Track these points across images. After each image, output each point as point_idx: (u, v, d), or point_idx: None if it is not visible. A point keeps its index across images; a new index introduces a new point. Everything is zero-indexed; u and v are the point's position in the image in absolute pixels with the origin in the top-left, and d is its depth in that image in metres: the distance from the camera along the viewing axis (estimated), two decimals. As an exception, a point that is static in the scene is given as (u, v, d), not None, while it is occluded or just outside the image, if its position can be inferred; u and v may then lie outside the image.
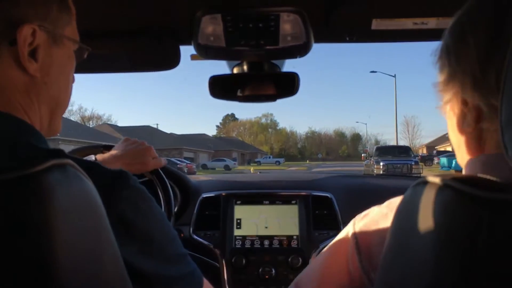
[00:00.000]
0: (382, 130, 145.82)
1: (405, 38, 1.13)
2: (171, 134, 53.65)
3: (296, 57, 1.17)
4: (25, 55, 0.59)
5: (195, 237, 1.60)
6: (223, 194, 1.68)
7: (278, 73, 1.28)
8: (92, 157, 1.19)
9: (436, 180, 0.47)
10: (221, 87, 1.27)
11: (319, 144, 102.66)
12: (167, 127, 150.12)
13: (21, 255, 0.43)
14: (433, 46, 0.64)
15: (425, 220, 0.46)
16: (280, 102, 1.24)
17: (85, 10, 0.99)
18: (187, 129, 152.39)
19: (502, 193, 0.41)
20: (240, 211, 1.64)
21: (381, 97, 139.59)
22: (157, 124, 61.19)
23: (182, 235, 1.61)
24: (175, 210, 1.62)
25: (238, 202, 1.65)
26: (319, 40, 1.12)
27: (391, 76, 29.91)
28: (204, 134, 64.30)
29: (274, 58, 1.23)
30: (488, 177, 0.46)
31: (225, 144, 61.19)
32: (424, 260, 0.45)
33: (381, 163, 17.33)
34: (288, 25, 1.00)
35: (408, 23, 1.00)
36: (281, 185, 1.80)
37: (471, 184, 0.43)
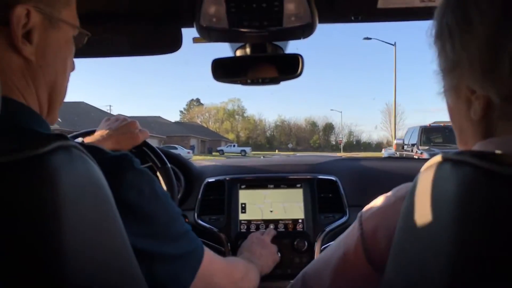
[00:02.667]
0: (357, 120, 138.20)
1: (412, 17, 1.11)
2: (117, 116, 47.47)
3: (300, 38, 1.15)
4: (19, 36, 0.58)
5: (200, 221, 1.59)
6: (227, 178, 1.67)
7: (281, 55, 1.26)
8: (79, 140, 1.19)
9: (452, 156, 0.45)
10: (224, 70, 1.25)
11: (289, 133, 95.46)
12: (123, 110, 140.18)
13: (28, 235, 0.43)
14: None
15: (442, 199, 0.45)
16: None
17: None
18: (146, 113, 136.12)
19: None
20: (245, 196, 1.64)
21: (359, 83, 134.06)
22: (109, 106, 55.51)
23: (187, 220, 1.61)
24: (179, 195, 1.62)
25: (243, 186, 1.65)
26: (323, 20, 1.10)
27: (391, 44, 24.99)
28: (159, 117, 56.14)
29: (278, 39, 1.21)
30: (503, 153, 0.44)
31: (184, 129, 53.10)
32: (442, 240, 0.44)
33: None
34: (292, 4, 0.98)
35: (415, 1, 0.97)
36: (285, 169, 1.79)
37: (489, 159, 0.41)
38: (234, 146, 57.63)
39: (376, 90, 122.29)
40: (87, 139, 1.18)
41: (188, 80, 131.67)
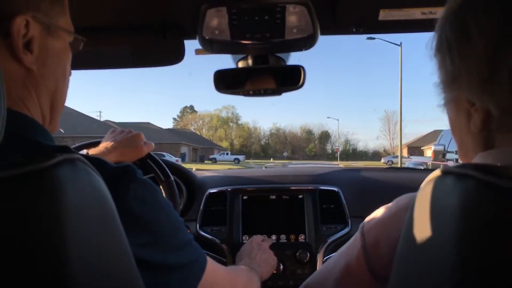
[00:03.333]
0: (354, 129, 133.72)
1: (413, 28, 1.11)
2: (105, 122, 47.00)
3: (302, 50, 1.15)
4: (20, 47, 0.59)
5: (202, 232, 1.59)
6: (229, 189, 1.67)
7: (283, 67, 1.27)
8: (84, 152, 1.19)
9: (455, 169, 0.45)
10: (225, 82, 1.26)
11: (284, 141, 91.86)
12: (114, 117, 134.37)
13: (33, 249, 0.43)
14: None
15: (444, 212, 0.45)
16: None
17: (89, 5, 0.99)
18: (138, 119, 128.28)
19: None
20: (247, 206, 1.63)
21: (358, 88, 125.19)
22: (99, 112, 54.31)
23: (189, 231, 1.61)
24: (181, 206, 1.62)
25: (245, 197, 1.65)
26: (325, 32, 1.11)
27: (396, 45, 23.59)
28: (148, 123, 52.57)
29: (280, 51, 1.22)
30: (506, 166, 0.44)
31: (174, 136, 49.90)
32: (445, 253, 0.43)
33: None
34: (294, 17, 0.98)
35: (416, 13, 0.98)
36: (287, 180, 1.79)
37: (493, 173, 0.41)
38: (227, 154, 55.26)
39: (375, 96, 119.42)
40: (92, 151, 1.18)
41: (182, 87, 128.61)
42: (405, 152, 55.63)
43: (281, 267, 1.47)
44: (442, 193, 0.47)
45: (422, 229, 0.49)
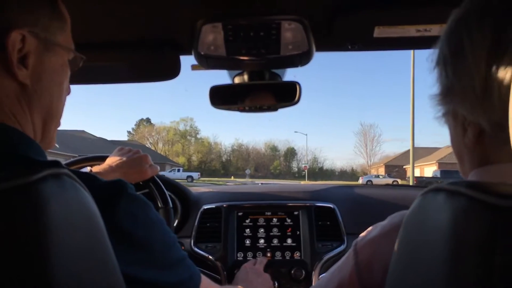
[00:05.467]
0: (322, 144, 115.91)
1: (408, 45, 1.12)
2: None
3: (297, 66, 1.16)
4: (14, 61, 0.58)
5: (196, 249, 1.57)
6: (224, 205, 1.65)
7: (279, 83, 1.27)
8: (87, 169, 1.18)
9: (447, 186, 0.45)
10: (221, 97, 1.26)
11: (247, 158, 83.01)
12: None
13: (17, 264, 0.42)
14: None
15: (436, 229, 0.44)
16: (202, 104, 1.19)
17: (85, 21, 0.99)
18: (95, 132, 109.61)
19: None
20: (242, 223, 1.62)
21: (330, 98, 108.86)
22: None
23: (183, 247, 1.59)
24: (176, 223, 1.60)
25: (240, 213, 1.63)
26: (320, 48, 1.11)
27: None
28: (82, 132, 46.54)
29: (275, 67, 1.22)
30: (499, 183, 0.43)
31: (113, 147, 39.47)
32: (436, 271, 0.43)
33: None
34: (290, 33, 0.99)
35: (411, 30, 0.98)
36: (283, 196, 1.78)
37: (484, 190, 0.41)
38: (178, 170, 48.84)
39: (348, 109, 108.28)
40: (95, 168, 1.17)
41: (138, 99, 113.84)
42: (382, 171, 53.43)
43: (276, 285, 1.45)
44: (433, 210, 0.46)
45: (413, 248, 0.49)
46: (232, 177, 61.91)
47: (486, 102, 0.50)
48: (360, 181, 38.84)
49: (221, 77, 1.31)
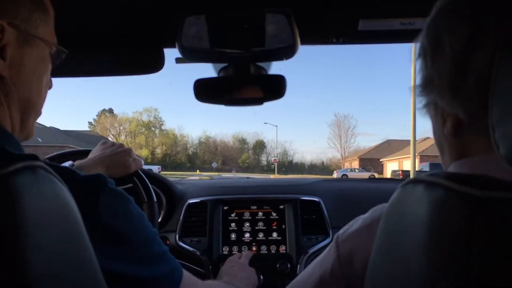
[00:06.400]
0: (292, 137, 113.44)
1: (392, 39, 1.13)
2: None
3: (282, 59, 1.15)
4: None
5: (181, 244, 1.56)
6: (210, 199, 1.65)
7: (264, 76, 1.27)
8: (69, 163, 1.16)
9: (425, 178, 0.45)
10: (206, 91, 1.25)
11: (215, 151, 78.59)
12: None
13: None
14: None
15: (415, 221, 0.44)
16: (169, 95, 1.17)
17: (68, 14, 0.97)
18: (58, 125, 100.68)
19: (493, 191, 0.39)
20: (227, 217, 1.61)
21: (303, 89, 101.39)
22: None
23: (168, 242, 1.58)
24: (161, 217, 1.59)
25: (225, 207, 1.63)
26: (305, 42, 1.11)
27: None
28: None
29: (260, 60, 1.21)
30: (478, 175, 0.44)
31: (64, 138, 39.86)
32: (415, 261, 0.43)
33: None
34: (274, 26, 0.98)
35: (395, 24, 0.99)
36: (268, 190, 1.78)
37: (461, 181, 0.41)
38: None
39: (320, 100, 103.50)
40: (77, 162, 1.15)
41: (102, 90, 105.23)
42: (356, 164, 50.83)
43: (261, 279, 1.45)
44: (412, 201, 0.46)
45: (393, 239, 0.49)
46: (198, 170, 58.61)
47: (463, 94, 0.51)
48: (335, 175, 35.85)
49: (205, 70, 1.30)
